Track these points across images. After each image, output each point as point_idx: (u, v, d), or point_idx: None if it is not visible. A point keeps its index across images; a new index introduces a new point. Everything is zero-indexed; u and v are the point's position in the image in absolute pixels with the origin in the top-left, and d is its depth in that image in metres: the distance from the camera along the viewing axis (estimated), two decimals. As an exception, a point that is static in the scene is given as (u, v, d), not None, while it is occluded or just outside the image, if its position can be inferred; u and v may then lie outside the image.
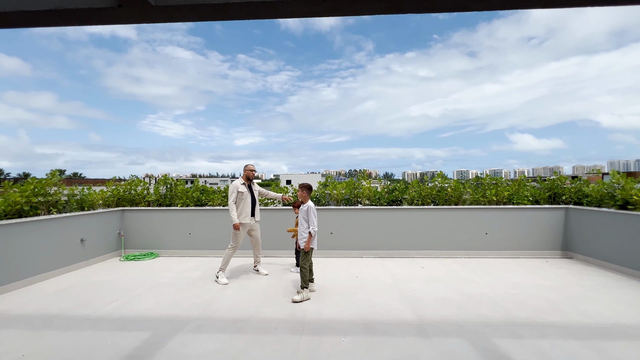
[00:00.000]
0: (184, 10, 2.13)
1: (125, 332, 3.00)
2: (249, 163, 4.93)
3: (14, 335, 2.97)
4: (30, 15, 2.18)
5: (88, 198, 5.88)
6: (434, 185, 6.47)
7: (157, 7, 2.07)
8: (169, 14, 2.16)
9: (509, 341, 2.79)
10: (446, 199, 6.35)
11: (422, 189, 6.46)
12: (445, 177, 6.56)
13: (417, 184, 6.60)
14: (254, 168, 4.84)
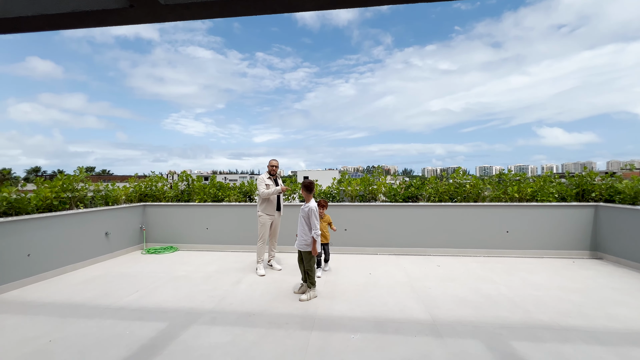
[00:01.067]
0: (193, 8, 2.15)
1: (143, 322, 3.12)
2: (273, 158, 5.01)
3: (44, 321, 3.17)
4: (50, 18, 2.28)
5: (112, 194, 6.15)
6: (452, 182, 6.26)
7: (167, 6, 2.11)
8: (178, 13, 2.20)
9: (528, 344, 2.67)
10: (465, 196, 6.14)
11: (440, 186, 6.28)
12: (464, 173, 6.34)
13: (434, 180, 6.42)
14: (275, 163, 4.96)
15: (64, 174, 5.31)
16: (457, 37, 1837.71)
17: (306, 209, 3.75)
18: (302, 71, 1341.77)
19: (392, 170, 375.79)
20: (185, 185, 7.15)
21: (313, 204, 3.75)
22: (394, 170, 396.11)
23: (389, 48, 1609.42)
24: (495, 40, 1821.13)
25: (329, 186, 6.61)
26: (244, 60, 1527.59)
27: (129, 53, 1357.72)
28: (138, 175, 7.51)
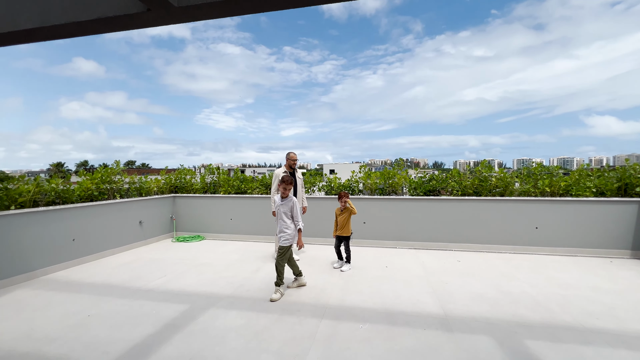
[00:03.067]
0: (204, 8, 2.26)
1: (168, 304, 3.39)
2: (292, 151, 4.93)
3: (84, 298, 3.54)
4: (81, 25, 2.50)
5: (145, 185, 6.62)
6: (476, 176, 6.01)
7: (180, 8, 2.23)
8: (191, 14, 2.32)
9: (544, 344, 2.56)
10: (490, 190, 5.87)
11: (463, 179, 6.05)
12: (489, 167, 6.05)
13: (457, 173, 6.20)
14: (295, 157, 4.85)
15: (102, 167, 5.80)
16: (493, 21, 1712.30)
17: (290, 202, 3.66)
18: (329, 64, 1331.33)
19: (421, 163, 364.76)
20: (212, 177, 7.50)
21: (295, 198, 3.77)
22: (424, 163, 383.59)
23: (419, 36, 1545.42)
24: (537, 22, 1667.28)
25: (348, 179, 6.62)
26: (272, 54, 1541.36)
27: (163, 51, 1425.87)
28: (169, 168, 7.99)
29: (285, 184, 3.63)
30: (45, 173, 79.19)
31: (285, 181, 3.64)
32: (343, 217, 4.53)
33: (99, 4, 2.36)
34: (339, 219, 4.59)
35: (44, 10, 2.48)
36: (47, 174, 66.20)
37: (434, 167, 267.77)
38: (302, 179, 5.11)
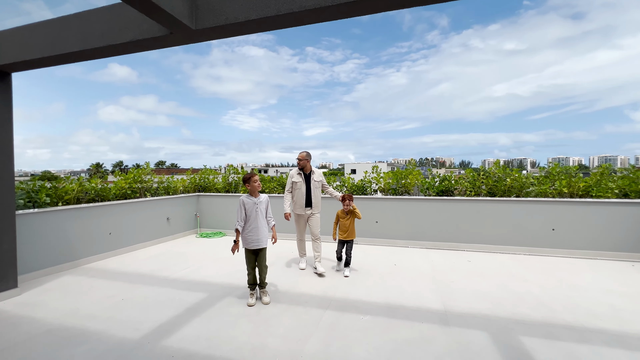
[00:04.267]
0: (217, 30, 2.57)
1: (190, 292, 3.77)
2: (302, 151, 4.51)
3: (119, 285, 4.01)
4: (116, 47, 2.90)
5: (172, 185, 7.17)
6: (490, 175, 5.97)
7: (197, 31, 2.55)
8: (207, 35, 2.64)
9: (538, 341, 2.64)
10: (505, 191, 5.81)
11: (477, 179, 6.03)
12: (503, 167, 5.99)
13: (470, 173, 6.19)
14: (301, 156, 4.45)
15: (135, 167, 6.38)
16: (525, 12, 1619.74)
17: (264, 199, 3.57)
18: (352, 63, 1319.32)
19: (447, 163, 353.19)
20: (233, 177, 7.95)
21: (265, 195, 3.62)
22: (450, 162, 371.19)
23: (445, 31, 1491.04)
24: (575, 10, 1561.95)
25: (361, 179, 6.78)
26: (295, 55, 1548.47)
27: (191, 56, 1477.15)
28: (194, 168, 8.55)
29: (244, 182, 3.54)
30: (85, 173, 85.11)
31: (244, 179, 3.53)
32: (348, 220, 4.36)
33: (130, 29, 2.73)
34: (343, 222, 4.40)
35: (86, 36, 2.90)
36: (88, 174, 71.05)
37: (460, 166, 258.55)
38: (321, 182, 4.56)
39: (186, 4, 2.44)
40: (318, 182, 4.52)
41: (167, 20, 2.40)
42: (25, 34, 3.18)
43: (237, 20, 2.41)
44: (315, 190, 4.47)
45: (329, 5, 2.19)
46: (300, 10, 2.26)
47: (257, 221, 3.44)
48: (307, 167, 4.49)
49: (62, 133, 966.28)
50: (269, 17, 2.34)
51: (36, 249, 4.27)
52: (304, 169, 4.49)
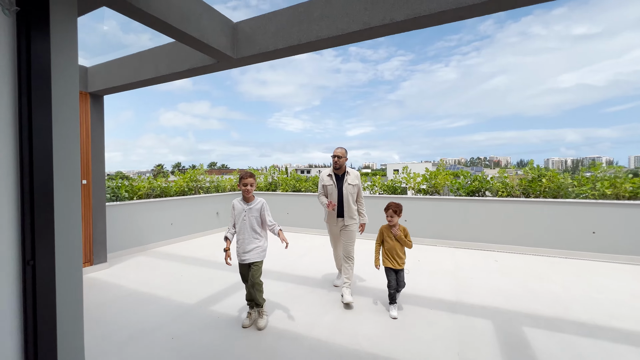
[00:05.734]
0: (252, 57, 3.17)
1: (233, 273, 4.47)
2: (339, 147, 3.66)
3: (178, 265, 4.89)
4: (179, 73, 3.67)
5: (221, 184, 8.14)
6: (525, 176, 5.84)
7: (237, 59, 3.18)
8: (244, 61, 3.26)
9: (541, 332, 2.78)
10: (541, 191, 5.66)
11: (510, 180, 5.95)
12: (537, 167, 5.81)
13: (502, 173, 6.10)
14: (336, 152, 3.63)
15: (191, 168, 7.43)
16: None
17: (257, 205, 2.97)
18: (397, 60, 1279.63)
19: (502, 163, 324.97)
20: (273, 177, 8.73)
21: (260, 200, 3.02)
22: (506, 161, 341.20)
23: (500, 20, 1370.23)
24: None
25: (392, 180, 7.04)
26: (338, 56, 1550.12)
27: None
28: (240, 169, 9.50)
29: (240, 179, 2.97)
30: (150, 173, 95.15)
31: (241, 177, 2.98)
32: (397, 243, 3.23)
33: (188, 60, 3.47)
34: (390, 243, 3.23)
35: (157, 66, 3.72)
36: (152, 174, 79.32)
37: (518, 166, 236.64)
38: (356, 186, 3.66)
39: (229, 40, 3.08)
40: (353, 186, 3.62)
41: (214, 53, 3.07)
42: (114, 66, 4.14)
43: (268, 49, 2.98)
44: (348, 196, 3.60)
45: (340, 34, 2.65)
46: (317, 40, 2.75)
47: (244, 232, 2.89)
48: (343, 168, 3.67)
49: (131, 137, 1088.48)
50: (292, 46, 2.87)
51: (118, 233, 5.36)
52: (339, 169, 3.66)
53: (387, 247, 3.26)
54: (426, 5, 2.32)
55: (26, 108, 1.75)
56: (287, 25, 2.87)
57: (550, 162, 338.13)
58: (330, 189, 3.68)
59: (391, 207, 3.20)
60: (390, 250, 3.24)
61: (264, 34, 3.01)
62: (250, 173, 2.96)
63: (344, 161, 3.66)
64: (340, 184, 3.65)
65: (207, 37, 2.85)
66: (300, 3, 2.83)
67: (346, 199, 3.61)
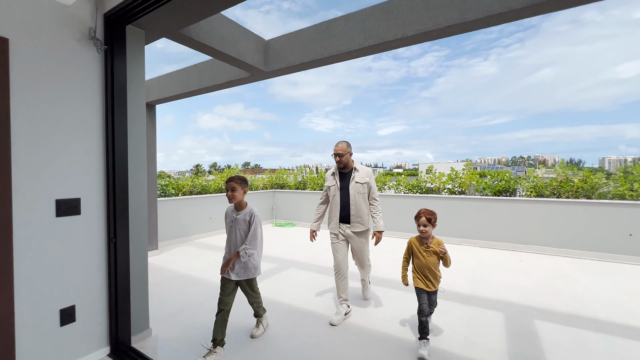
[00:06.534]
0: (281, 70, 3.60)
1: (265, 263, 4.95)
2: (340, 141, 3.04)
3: (217, 254, 5.49)
4: (218, 85, 4.22)
5: (254, 183, 8.77)
6: (555, 177, 5.71)
7: (268, 72, 3.63)
8: (274, 74, 3.70)
9: (552, 325, 2.89)
10: (573, 192, 5.50)
11: (539, 180, 5.84)
12: (570, 166, 5.65)
13: (532, 173, 6.00)
14: (336, 149, 3.01)
15: (227, 167, 8.11)
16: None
17: (245, 216, 2.47)
18: (431, 56, 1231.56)
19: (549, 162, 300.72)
20: (302, 176, 9.20)
21: (256, 210, 2.53)
22: (554, 160, 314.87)
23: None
24: None
25: (417, 179, 7.16)
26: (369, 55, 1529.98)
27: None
28: (271, 169, 10.10)
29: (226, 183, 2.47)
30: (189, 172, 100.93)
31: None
32: (429, 258, 2.54)
33: (226, 74, 3.99)
34: (421, 259, 2.56)
35: (201, 79, 4.29)
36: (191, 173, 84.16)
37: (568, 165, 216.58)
38: (367, 185, 3.05)
39: (261, 56, 3.54)
40: (363, 184, 3.02)
41: (249, 68, 3.53)
42: (164, 80, 4.81)
43: (295, 63, 3.38)
44: (357, 197, 3.00)
45: (358, 48, 2.97)
46: (338, 54, 3.10)
47: (230, 243, 2.49)
48: (349, 165, 3.10)
49: (172, 139, 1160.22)
50: (315, 60, 3.25)
51: (166, 225, 6.10)
52: (344, 168, 3.09)
53: (419, 265, 2.59)
54: (434, 22, 2.57)
55: (110, 115, 2.30)
56: (311, 42, 3.25)
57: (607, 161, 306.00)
58: (332, 190, 3.11)
59: (423, 215, 2.52)
60: (421, 268, 2.57)
61: (291, 50, 3.42)
62: (236, 177, 2.46)
63: (348, 158, 3.04)
64: (346, 183, 3.05)
65: (244, 55, 3.32)
66: (322, 22, 3.19)
67: (354, 201, 2.99)
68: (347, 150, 3.03)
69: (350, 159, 3.12)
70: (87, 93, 2.21)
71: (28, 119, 1.93)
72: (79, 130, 2.17)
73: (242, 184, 2.47)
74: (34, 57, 1.96)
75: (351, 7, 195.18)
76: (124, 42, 2.38)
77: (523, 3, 2.27)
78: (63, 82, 2.09)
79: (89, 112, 2.22)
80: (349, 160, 3.09)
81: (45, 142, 2.01)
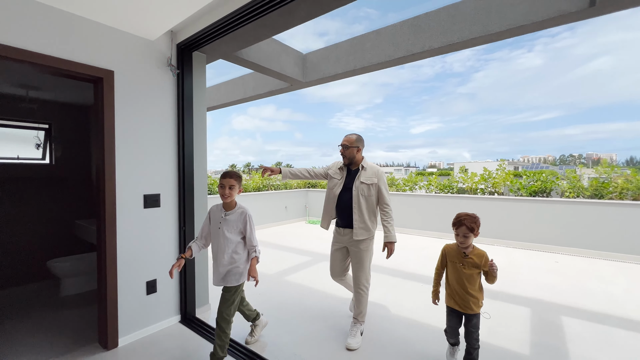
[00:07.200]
0: (317, 81, 3.99)
1: (299, 255, 5.39)
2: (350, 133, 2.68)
3: (269, 249, 6.02)
4: (259, 95, 4.70)
5: (289, 182, 9.29)
6: (597, 177, 5.51)
7: (305, 82, 4.03)
8: (311, 84, 4.10)
9: (579, 321, 2.97)
10: (617, 193, 5.29)
11: (577, 180, 5.67)
12: (613, 166, 5.41)
13: (570, 173, 5.82)
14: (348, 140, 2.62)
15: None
16: None
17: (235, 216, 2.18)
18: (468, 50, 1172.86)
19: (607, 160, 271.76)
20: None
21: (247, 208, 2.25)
22: (610, 159, 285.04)
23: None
24: None
25: (448, 179, 7.20)
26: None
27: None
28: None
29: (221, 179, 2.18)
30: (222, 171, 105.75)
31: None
32: (468, 271, 2.05)
33: (269, 85, 4.45)
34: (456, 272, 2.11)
35: (245, 89, 4.81)
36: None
37: (627, 164, 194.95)
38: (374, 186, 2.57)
39: (300, 69, 3.95)
40: (369, 185, 2.56)
41: (289, 80, 3.96)
42: (213, 90, 5.41)
43: (329, 74, 3.75)
44: (360, 199, 2.54)
45: (387, 60, 3.27)
46: (369, 65, 3.41)
47: (217, 246, 2.19)
48: (357, 160, 2.65)
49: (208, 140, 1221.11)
50: (348, 71, 3.59)
51: (212, 220, 6.78)
52: (350, 164, 2.67)
53: (451, 278, 2.13)
54: (459, 34, 2.80)
55: (181, 125, 2.83)
56: (345, 55, 3.60)
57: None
58: (334, 185, 2.69)
59: (464, 223, 2.02)
60: (455, 283, 2.10)
61: (326, 62, 3.79)
62: (234, 173, 2.17)
63: (354, 152, 2.60)
64: (351, 182, 2.62)
65: (284, 69, 3.75)
66: (355, 36, 3.53)
67: (357, 203, 2.54)
68: (355, 143, 2.60)
69: (358, 155, 2.65)
70: (165, 108, 2.75)
71: (126, 132, 2.49)
72: (160, 139, 2.71)
73: (240, 181, 2.20)
74: (130, 83, 2.51)
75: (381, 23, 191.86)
76: (191, 65, 2.90)
77: (546, 15, 2.43)
78: (148, 100, 2.63)
79: (167, 124, 2.76)
80: (355, 156, 2.62)
81: (137, 149, 2.56)
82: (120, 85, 2.45)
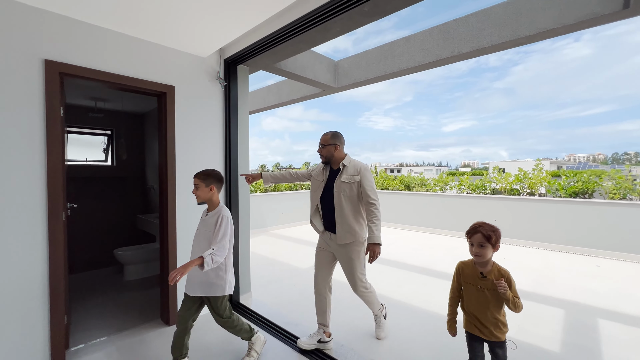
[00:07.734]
0: (348, 86, 4.20)
1: (330, 252, 5.64)
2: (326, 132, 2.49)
3: (288, 243, 6.37)
4: (294, 99, 5.01)
5: (318, 181, 9.60)
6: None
7: (337, 88, 4.26)
8: (342, 89, 4.33)
9: (615, 324, 2.92)
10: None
11: (624, 180, 5.36)
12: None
13: (615, 173, 5.52)
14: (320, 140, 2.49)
15: (289, 167, 9.04)
16: None
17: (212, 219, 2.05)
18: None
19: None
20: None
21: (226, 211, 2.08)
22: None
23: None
24: None
25: (481, 179, 7.07)
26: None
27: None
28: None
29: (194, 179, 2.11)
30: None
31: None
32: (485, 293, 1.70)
33: (302, 91, 4.74)
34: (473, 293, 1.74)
35: (281, 95, 5.14)
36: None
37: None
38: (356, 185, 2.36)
39: (332, 75, 4.19)
40: (350, 184, 2.36)
41: (321, 86, 4.22)
42: (252, 96, 5.81)
43: (360, 80, 3.95)
44: (342, 200, 2.34)
45: (417, 65, 3.40)
46: (399, 70, 3.57)
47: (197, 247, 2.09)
48: (336, 159, 2.46)
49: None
50: (378, 76, 3.77)
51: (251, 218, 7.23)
52: (329, 163, 2.50)
53: (468, 301, 1.77)
54: (488, 39, 2.88)
55: (227, 129, 3.18)
56: (375, 61, 3.78)
57: None
58: (316, 184, 2.52)
59: (480, 231, 1.70)
60: (473, 306, 1.73)
61: (357, 68, 3.99)
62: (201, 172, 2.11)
63: (331, 150, 2.43)
64: (331, 181, 2.44)
65: (318, 76, 4.01)
66: (385, 43, 3.70)
67: (338, 204, 2.35)
68: (330, 141, 2.43)
69: (337, 154, 2.44)
70: (215, 116, 3.12)
71: (182, 138, 2.88)
72: (211, 143, 3.08)
73: (206, 179, 2.05)
74: (187, 95, 2.90)
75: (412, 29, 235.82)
76: (236, 77, 3.24)
77: (578, 18, 2.46)
78: (201, 110, 3.01)
79: (216, 130, 3.13)
80: (333, 154, 2.43)
81: (192, 153, 2.95)
82: (179, 97, 2.84)
